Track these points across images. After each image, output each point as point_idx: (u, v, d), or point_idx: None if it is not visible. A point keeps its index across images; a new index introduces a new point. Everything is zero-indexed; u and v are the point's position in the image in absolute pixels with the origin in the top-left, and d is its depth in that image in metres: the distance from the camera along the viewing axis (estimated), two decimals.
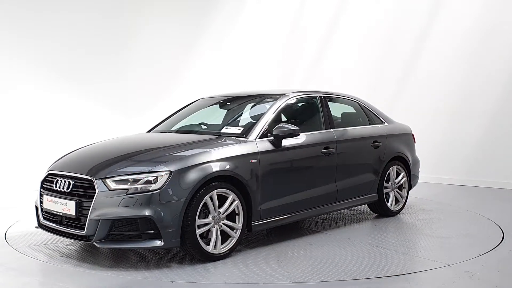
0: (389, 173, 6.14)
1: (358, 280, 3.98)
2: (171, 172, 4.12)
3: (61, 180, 4.43)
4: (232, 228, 4.49)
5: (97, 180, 4.16)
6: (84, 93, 10.00)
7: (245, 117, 5.50)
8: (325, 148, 5.33)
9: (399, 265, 4.32)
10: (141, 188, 4.07)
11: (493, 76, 8.55)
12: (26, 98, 9.43)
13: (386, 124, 6.32)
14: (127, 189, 4.07)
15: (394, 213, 6.21)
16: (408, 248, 4.85)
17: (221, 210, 4.38)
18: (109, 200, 4.06)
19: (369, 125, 6.14)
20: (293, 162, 5.06)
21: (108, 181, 4.13)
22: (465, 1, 8.94)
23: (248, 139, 4.76)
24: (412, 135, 6.66)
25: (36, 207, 4.75)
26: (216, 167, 4.33)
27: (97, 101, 10.10)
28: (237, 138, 4.79)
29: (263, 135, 4.87)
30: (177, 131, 5.49)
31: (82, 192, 4.24)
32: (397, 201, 6.29)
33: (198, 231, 4.21)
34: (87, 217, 4.10)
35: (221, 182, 4.36)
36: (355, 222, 5.93)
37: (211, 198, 4.30)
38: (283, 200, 4.92)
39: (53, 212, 4.44)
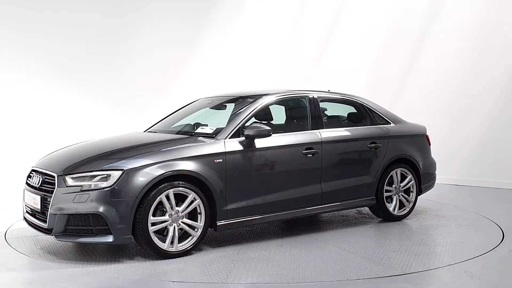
0: (391, 176, 5.90)
1: (358, 280, 3.98)
2: (123, 171, 4.27)
3: (35, 176, 4.73)
4: (194, 227, 4.56)
5: (58, 176, 4.39)
6: (84, 93, 10.00)
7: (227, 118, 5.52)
8: (307, 149, 5.23)
9: (399, 265, 4.32)
10: (94, 185, 4.25)
11: (493, 76, 8.55)
12: (26, 98, 9.42)
13: (392, 124, 6.06)
14: (82, 185, 4.27)
15: (398, 218, 5.94)
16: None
17: (180, 209, 4.46)
18: (65, 196, 4.28)
19: (370, 125, 5.92)
20: (266, 163, 4.99)
21: (66, 177, 4.35)
22: (465, 1, 8.94)
23: (216, 139, 4.79)
24: (427, 136, 6.38)
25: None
26: (171, 166, 4.41)
27: (97, 100, 10.10)
28: (206, 138, 4.83)
29: (235, 136, 4.87)
30: (166, 132, 5.49)
31: (47, 187, 4.49)
32: (402, 205, 5.99)
33: (152, 228, 4.33)
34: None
35: (179, 181, 4.44)
36: (350, 226, 5.79)
37: (168, 196, 4.39)
38: (254, 201, 4.88)
39: (29, 205, 4.74)
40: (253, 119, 5.19)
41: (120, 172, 4.27)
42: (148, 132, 5.68)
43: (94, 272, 4.20)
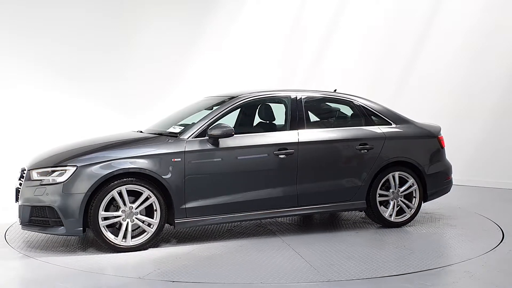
0: (388, 180, 5.61)
1: (358, 280, 3.98)
2: (77, 167, 4.55)
3: (21, 171, 5.03)
4: (149, 224, 4.70)
5: (28, 171, 4.77)
6: (84, 92, 9.99)
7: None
8: (280, 150, 5.15)
9: (399, 265, 4.32)
10: (52, 180, 4.57)
11: (493, 76, 8.55)
12: (26, 98, 9.42)
13: (393, 125, 5.74)
14: (42, 180, 4.61)
15: (396, 225, 5.63)
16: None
17: (134, 205, 4.63)
18: (29, 189, 4.66)
19: (364, 126, 5.65)
20: (230, 163, 4.98)
21: (32, 171, 4.71)
22: (465, 1, 8.94)
23: (179, 139, 4.89)
24: (438, 138, 5.98)
25: None
26: (122, 164, 4.60)
27: (97, 100, 10.09)
28: (170, 138, 4.95)
29: (201, 136, 4.94)
30: (153, 131, 5.47)
31: (21, 181, 4.86)
32: (401, 211, 5.66)
33: (103, 223, 4.56)
34: None
35: (132, 179, 4.61)
36: (335, 230, 5.59)
37: (121, 193, 4.58)
38: (216, 200, 4.90)
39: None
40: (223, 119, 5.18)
41: (74, 168, 4.55)
42: (138, 131, 5.68)
43: (94, 272, 4.20)
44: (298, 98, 5.48)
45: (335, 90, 6.02)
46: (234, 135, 4.94)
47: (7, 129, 9.19)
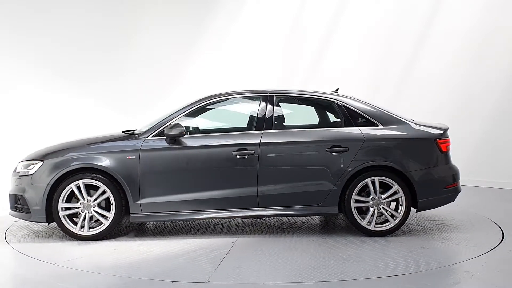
0: (367, 185, 5.20)
1: (358, 280, 3.98)
2: (43, 162, 5.11)
3: None
4: (106, 216, 5.09)
5: (18, 163, 5.37)
6: (84, 92, 9.99)
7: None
8: (239, 150, 5.14)
9: (399, 265, 4.32)
10: (26, 172, 5.17)
11: (493, 76, 8.55)
12: (26, 98, 9.42)
13: (379, 126, 5.33)
14: (19, 172, 5.24)
15: (377, 234, 5.21)
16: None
17: (92, 198, 5.07)
18: (13, 180, 5.30)
19: (344, 127, 5.36)
20: (186, 162, 5.12)
21: (19, 164, 5.34)
22: (465, 1, 8.94)
23: (138, 138, 5.19)
24: (436, 142, 5.38)
25: None
26: (80, 160, 5.06)
27: (97, 100, 10.10)
28: (133, 136, 5.26)
29: (161, 135, 5.18)
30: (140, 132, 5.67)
31: None
32: (385, 220, 5.26)
33: (63, 213, 5.06)
34: None
35: (89, 174, 5.05)
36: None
37: (79, 187, 5.03)
38: (171, 198, 5.10)
39: None
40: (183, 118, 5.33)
41: (41, 163, 5.12)
42: (130, 131, 5.74)
43: (94, 271, 4.20)
44: (270, 99, 5.40)
45: (337, 90, 5.94)
46: (191, 135, 5.24)
47: (7, 129, 9.19)
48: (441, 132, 5.50)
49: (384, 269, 4.23)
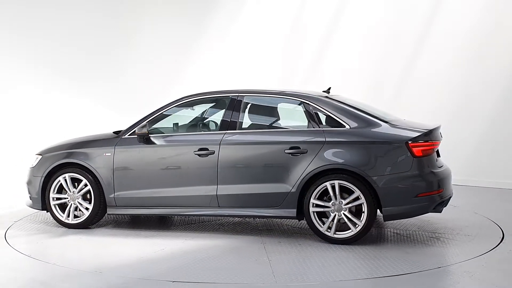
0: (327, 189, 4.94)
1: (358, 280, 3.98)
2: (42, 156, 5.73)
3: None
4: (88, 208, 5.53)
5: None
6: (84, 92, 10.00)
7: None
8: (201, 150, 5.23)
9: (399, 265, 4.32)
10: (32, 165, 5.79)
11: (494, 76, 8.54)
12: (26, 98, 9.42)
13: (345, 128, 5.03)
14: (31, 164, 5.83)
15: (337, 241, 4.91)
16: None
17: (76, 190, 5.56)
18: (27, 172, 5.85)
19: (308, 128, 5.17)
20: (152, 160, 5.42)
21: (34, 159, 5.84)
22: (465, 1, 8.94)
23: (119, 137, 5.59)
24: (407, 145, 4.83)
25: None
26: (67, 156, 5.59)
27: (97, 100, 10.10)
28: (115, 135, 5.68)
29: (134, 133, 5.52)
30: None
31: None
32: (346, 227, 4.93)
33: (54, 202, 5.61)
34: None
35: (75, 169, 5.55)
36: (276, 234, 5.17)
37: (66, 179, 5.55)
38: (141, 193, 5.42)
39: None
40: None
41: (40, 157, 5.75)
42: (115, 131, 5.97)
43: (94, 271, 4.21)
44: (238, 100, 5.43)
45: (329, 89, 5.87)
46: (159, 134, 5.50)
47: (7, 129, 9.19)
48: (416, 135, 4.91)
49: (383, 269, 4.23)
